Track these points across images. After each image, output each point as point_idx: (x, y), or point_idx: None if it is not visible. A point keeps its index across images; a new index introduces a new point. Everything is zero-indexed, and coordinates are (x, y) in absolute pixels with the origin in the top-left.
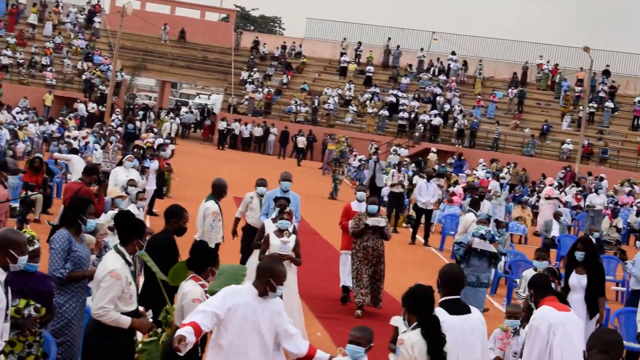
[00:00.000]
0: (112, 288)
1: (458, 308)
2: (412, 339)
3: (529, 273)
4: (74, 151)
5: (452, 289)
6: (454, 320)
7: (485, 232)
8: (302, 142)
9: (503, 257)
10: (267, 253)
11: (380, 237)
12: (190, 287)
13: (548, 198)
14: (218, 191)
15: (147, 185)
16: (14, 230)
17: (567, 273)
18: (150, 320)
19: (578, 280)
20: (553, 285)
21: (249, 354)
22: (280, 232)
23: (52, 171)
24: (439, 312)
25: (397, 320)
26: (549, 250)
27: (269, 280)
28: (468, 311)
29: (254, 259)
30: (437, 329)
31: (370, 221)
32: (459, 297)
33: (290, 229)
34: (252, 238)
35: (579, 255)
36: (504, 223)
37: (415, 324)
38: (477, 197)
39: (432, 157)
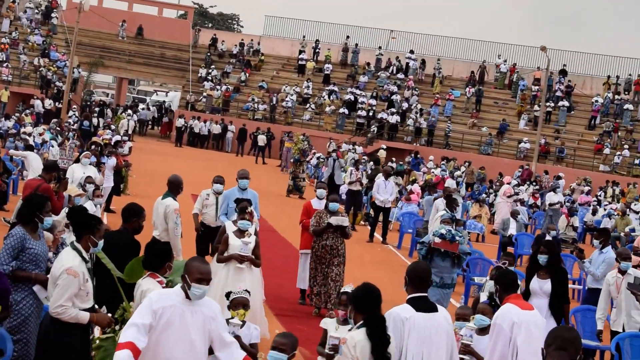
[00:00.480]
0: (70, 286)
1: (425, 306)
2: (355, 339)
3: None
4: (30, 148)
5: (419, 286)
6: (420, 317)
7: (446, 231)
8: (262, 140)
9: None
10: (225, 254)
11: (340, 236)
12: (148, 285)
13: (509, 196)
14: (174, 187)
15: (104, 182)
16: None
17: (528, 277)
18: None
19: (540, 285)
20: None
21: (182, 355)
22: (240, 233)
23: (8, 168)
24: (406, 308)
25: (326, 323)
26: (513, 255)
27: (183, 276)
28: (435, 310)
29: (213, 262)
30: (383, 329)
31: (334, 220)
32: (426, 294)
33: (252, 230)
34: (207, 236)
35: (542, 258)
36: (462, 221)
37: (360, 323)
38: (449, 196)
39: (382, 153)
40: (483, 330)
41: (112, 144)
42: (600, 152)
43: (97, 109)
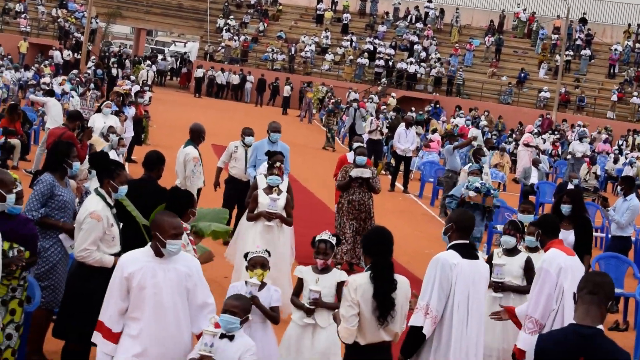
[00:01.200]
0: (93, 229)
1: (468, 253)
2: (357, 282)
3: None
4: (50, 93)
5: (463, 233)
6: (466, 263)
7: (481, 185)
8: (287, 91)
9: None
10: (255, 212)
11: (368, 191)
12: None
13: (527, 145)
14: (196, 136)
15: (125, 132)
16: (0, 170)
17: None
18: None
19: (564, 237)
20: (515, 240)
21: (158, 324)
22: (270, 189)
23: (29, 119)
24: (453, 254)
25: (301, 271)
26: (534, 204)
27: (155, 234)
28: (476, 257)
29: (243, 220)
30: (389, 274)
31: (354, 172)
32: (468, 242)
33: (283, 186)
34: (235, 190)
35: (565, 208)
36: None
37: (368, 266)
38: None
39: (392, 101)
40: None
41: (133, 94)
42: (622, 101)
43: (114, 59)
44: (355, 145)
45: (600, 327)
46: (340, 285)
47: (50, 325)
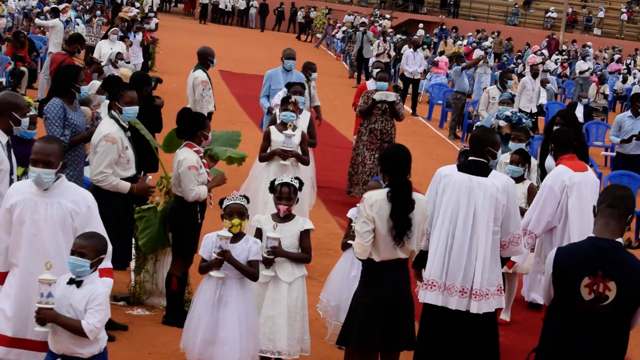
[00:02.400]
0: (109, 152)
1: (474, 169)
2: (373, 198)
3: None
4: (56, 12)
5: (475, 151)
6: (460, 177)
7: (512, 114)
8: (300, 16)
9: None
10: (268, 150)
11: (391, 117)
12: (185, 155)
13: (533, 66)
14: (203, 59)
15: (133, 59)
16: (13, 94)
17: (543, 154)
18: (149, 182)
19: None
20: (521, 169)
21: (35, 270)
22: (283, 126)
23: (36, 47)
24: (450, 167)
25: (259, 221)
26: (527, 132)
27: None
28: (485, 174)
29: (256, 162)
30: (406, 193)
31: (377, 95)
32: (483, 160)
33: (304, 121)
34: None
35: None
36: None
37: (386, 184)
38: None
39: (421, 32)
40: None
41: (139, 19)
42: (630, 20)
43: None
44: (376, 71)
45: (620, 240)
46: (304, 235)
47: None
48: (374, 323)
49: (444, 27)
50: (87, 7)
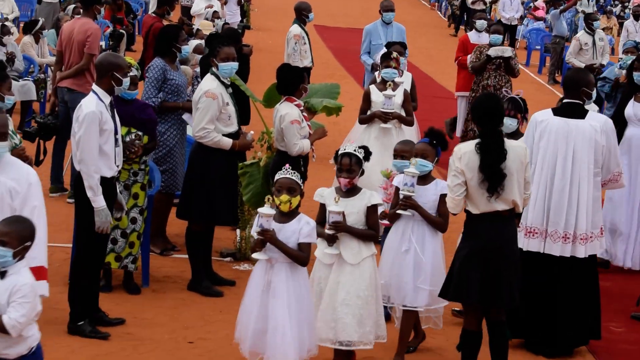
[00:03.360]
0: (210, 108)
1: (570, 111)
2: (462, 150)
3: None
4: None
5: (567, 92)
6: (557, 121)
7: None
8: None
9: None
10: (368, 113)
11: (506, 73)
12: (287, 109)
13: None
14: (299, 14)
15: (230, 17)
16: (114, 54)
17: (623, 101)
18: (251, 138)
19: (635, 111)
20: (517, 122)
21: None
22: (383, 85)
23: (133, 10)
24: (545, 112)
25: (322, 195)
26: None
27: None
28: (581, 116)
29: (356, 125)
30: (496, 143)
31: (492, 51)
32: (578, 102)
33: (406, 82)
34: None
35: (638, 76)
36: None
37: (478, 134)
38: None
39: None
40: (424, 179)
41: None
42: None
43: None
44: (480, 22)
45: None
46: (370, 210)
47: (171, 210)
48: (469, 276)
49: None
50: None
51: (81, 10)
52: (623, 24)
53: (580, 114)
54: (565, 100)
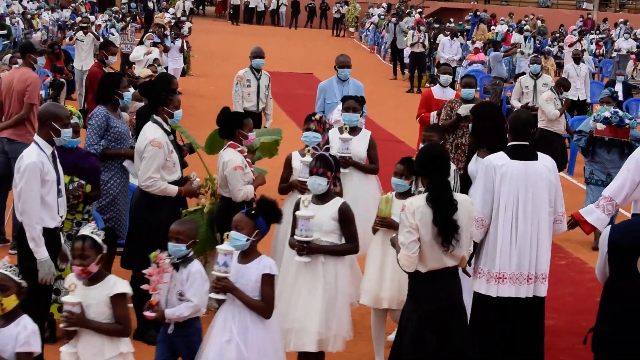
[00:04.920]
0: (156, 157)
1: (523, 154)
2: (414, 205)
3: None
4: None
5: (517, 135)
6: (515, 164)
7: (612, 114)
8: (337, 12)
9: None
10: (291, 180)
11: None
12: (229, 156)
13: (571, 45)
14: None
15: (173, 64)
16: (55, 104)
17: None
18: (197, 184)
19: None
20: (406, 182)
21: None
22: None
23: (72, 58)
24: (500, 156)
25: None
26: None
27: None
28: (534, 158)
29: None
30: (447, 194)
31: (463, 109)
32: (526, 143)
33: (362, 141)
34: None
35: None
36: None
37: (425, 188)
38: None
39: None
40: (246, 256)
41: (174, 24)
42: None
43: None
44: (444, 77)
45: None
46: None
47: (115, 259)
48: (425, 339)
49: (478, 12)
50: (120, 16)
51: (19, 60)
52: (560, 64)
53: (533, 155)
54: (515, 143)
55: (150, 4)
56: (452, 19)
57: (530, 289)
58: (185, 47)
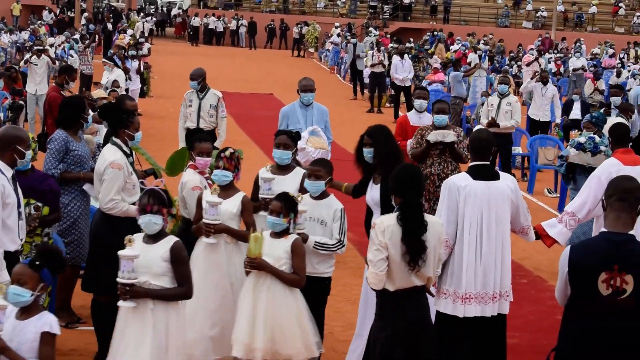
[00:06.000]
0: (116, 179)
1: (485, 174)
2: (384, 223)
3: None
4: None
5: (478, 155)
6: (477, 185)
7: (586, 140)
8: (296, 32)
9: None
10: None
11: (453, 160)
12: (188, 177)
13: (528, 65)
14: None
15: (132, 85)
16: (16, 127)
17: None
18: None
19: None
20: (284, 220)
21: None
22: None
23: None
24: (463, 176)
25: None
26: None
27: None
28: (496, 177)
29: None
30: (418, 215)
31: (432, 136)
32: (487, 163)
33: (292, 182)
34: None
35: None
36: (486, 92)
37: (397, 207)
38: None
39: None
40: (26, 311)
41: (132, 45)
42: (618, 15)
43: (111, 15)
44: (419, 102)
45: (632, 232)
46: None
47: (77, 281)
48: (395, 356)
49: (435, 32)
50: (79, 37)
51: None
52: (519, 82)
53: (494, 175)
54: (477, 163)
55: (110, 25)
56: (411, 39)
57: (495, 308)
58: (142, 69)
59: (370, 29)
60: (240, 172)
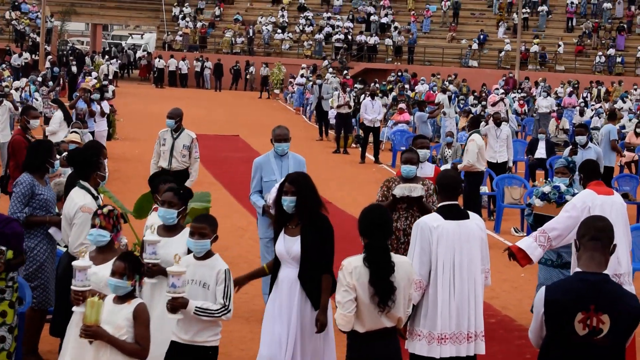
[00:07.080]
0: (87, 223)
1: (454, 214)
2: (352, 264)
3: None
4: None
5: (448, 195)
6: (449, 225)
7: (551, 190)
8: (250, 74)
9: None
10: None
11: (419, 213)
12: (152, 220)
13: (494, 104)
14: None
15: (96, 127)
16: None
17: None
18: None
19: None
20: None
21: None
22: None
23: None
24: (434, 217)
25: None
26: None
27: None
28: (466, 217)
29: None
30: (384, 256)
31: (398, 190)
32: (456, 202)
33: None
34: None
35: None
36: (450, 132)
37: (364, 247)
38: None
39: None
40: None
41: (97, 88)
42: (581, 54)
43: (73, 58)
44: (422, 152)
45: (606, 272)
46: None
47: (45, 325)
48: None
49: (400, 73)
50: (42, 80)
51: None
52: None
53: (464, 214)
54: (447, 203)
55: (74, 68)
56: (376, 79)
57: (470, 348)
58: (105, 111)
59: (328, 75)
60: (120, 232)
